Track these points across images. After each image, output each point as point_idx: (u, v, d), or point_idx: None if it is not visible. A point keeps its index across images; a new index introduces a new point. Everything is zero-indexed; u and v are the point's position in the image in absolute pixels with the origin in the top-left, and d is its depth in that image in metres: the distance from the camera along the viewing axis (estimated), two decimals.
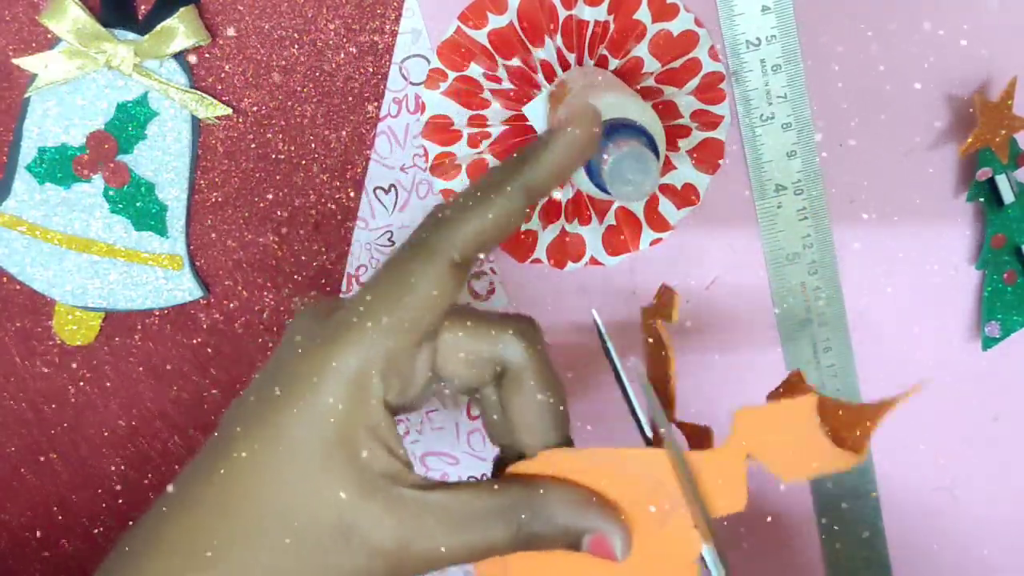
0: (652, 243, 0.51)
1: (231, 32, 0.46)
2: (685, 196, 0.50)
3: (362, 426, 0.32)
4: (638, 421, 0.37)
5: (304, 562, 0.32)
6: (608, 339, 0.38)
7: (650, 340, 0.41)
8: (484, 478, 0.42)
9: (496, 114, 0.48)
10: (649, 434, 0.37)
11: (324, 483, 0.32)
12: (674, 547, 0.36)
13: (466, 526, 0.33)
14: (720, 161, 0.50)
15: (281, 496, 0.32)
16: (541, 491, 0.34)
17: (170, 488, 0.34)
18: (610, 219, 0.50)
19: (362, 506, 0.32)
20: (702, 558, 0.36)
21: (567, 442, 0.36)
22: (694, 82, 0.48)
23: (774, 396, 0.40)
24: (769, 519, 0.55)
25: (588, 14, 0.46)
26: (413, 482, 0.33)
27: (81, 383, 0.51)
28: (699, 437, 0.39)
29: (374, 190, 0.49)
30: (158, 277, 0.49)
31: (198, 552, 0.32)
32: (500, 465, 0.37)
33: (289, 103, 0.48)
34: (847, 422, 0.38)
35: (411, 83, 0.48)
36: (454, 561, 0.33)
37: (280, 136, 0.48)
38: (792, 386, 0.40)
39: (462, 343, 0.34)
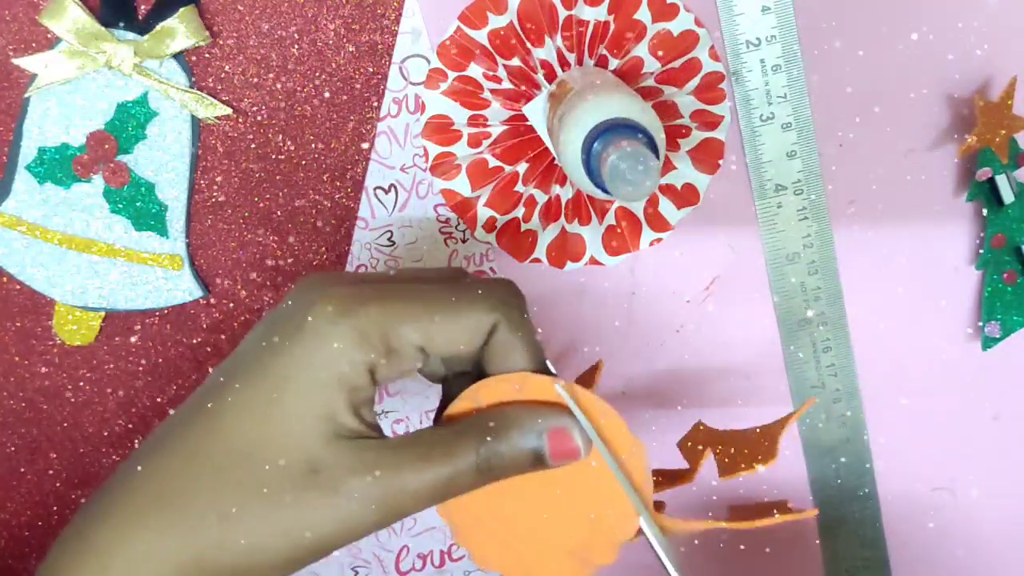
0: (652, 243, 0.51)
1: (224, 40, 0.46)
2: (685, 196, 0.50)
3: (348, 388, 0.34)
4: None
5: (267, 502, 0.33)
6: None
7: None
8: None
9: (496, 114, 0.48)
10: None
11: (297, 428, 0.34)
12: (611, 520, 0.37)
13: (428, 456, 0.34)
14: (720, 161, 0.50)
15: (252, 438, 0.34)
16: (494, 412, 0.35)
17: (152, 432, 0.36)
18: (610, 219, 0.50)
19: (328, 449, 0.34)
20: (640, 531, 0.36)
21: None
22: (694, 82, 0.48)
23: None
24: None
25: (588, 14, 0.46)
26: (377, 436, 0.35)
27: (81, 383, 0.51)
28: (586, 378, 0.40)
29: (374, 190, 0.49)
30: (158, 277, 0.49)
31: (164, 494, 0.34)
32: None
33: (289, 103, 0.48)
34: (756, 440, 0.40)
35: (411, 83, 0.48)
36: (421, 498, 0.34)
37: (280, 136, 0.48)
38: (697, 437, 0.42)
39: (451, 327, 0.35)
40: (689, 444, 0.42)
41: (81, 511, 0.36)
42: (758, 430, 0.41)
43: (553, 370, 0.37)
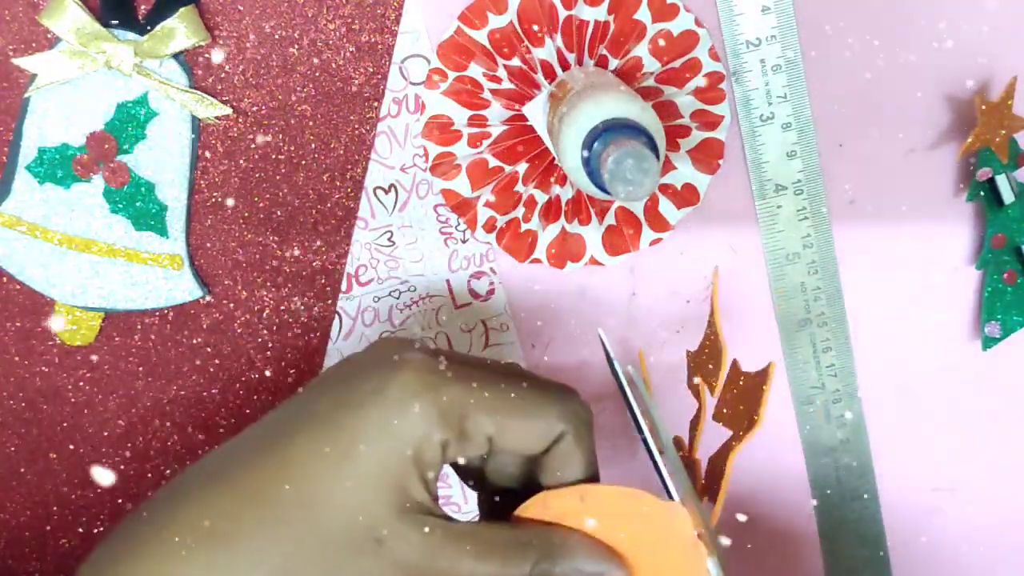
0: (652, 243, 0.51)
1: (219, 57, 0.46)
2: (685, 196, 0.50)
3: (419, 461, 0.34)
4: (645, 442, 0.38)
5: (323, 561, 0.33)
6: (616, 361, 0.39)
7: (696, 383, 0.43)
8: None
9: (496, 114, 0.48)
10: (654, 451, 0.38)
11: (369, 495, 0.33)
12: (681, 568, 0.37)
13: (486, 554, 0.34)
14: (720, 161, 0.50)
15: (321, 495, 0.33)
16: (559, 533, 0.36)
17: (202, 460, 0.35)
18: (610, 219, 0.50)
19: (397, 521, 0.33)
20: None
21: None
22: (694, 82, 0.48)
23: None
24: (769, 519, 0.55)
25: (588, 14, 0.46)
26: (442, 515, 0.35)
27: (81, 383, 0.51)
28: (689, 468, 0.41)
29: (374, 190, 0.49)
30: (158, 277, 0.49)
31: (217, 534, 0.33)
32: (486, 507, 0.40)
33: (289, 103, 0.48)
34: (710, 347, 0.40)
35: (411, 83, 0.48)
36: None
37: (280, 136, 0.48)
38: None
39: (524, 425, 0.36)
40: (692, 383, 0.43)
41: (117, 533, 0.35)
42: (707, 341, 0.42)
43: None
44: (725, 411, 0.41)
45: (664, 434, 0.40)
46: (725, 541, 0.38)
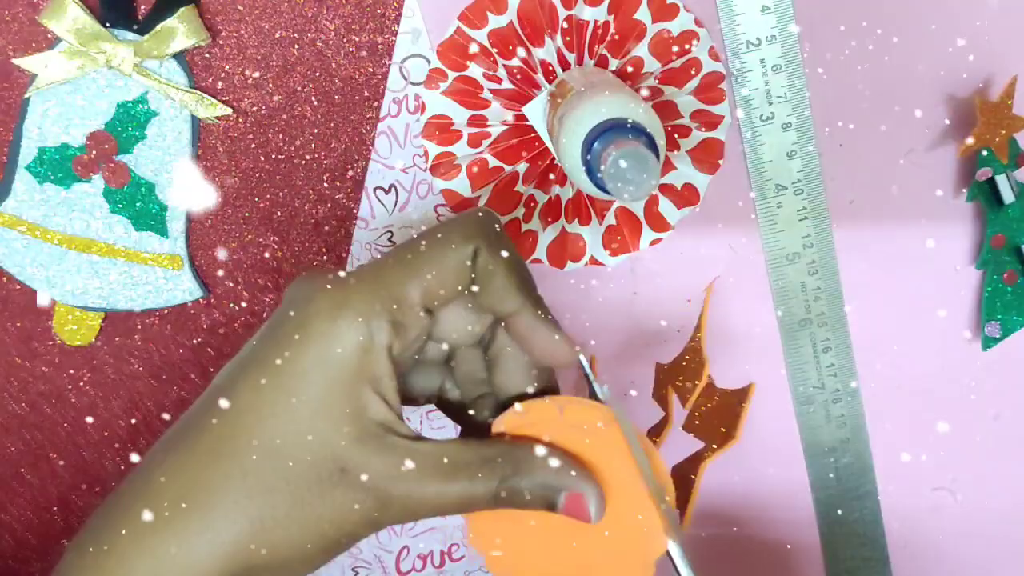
0: (652, 243, 0.51)
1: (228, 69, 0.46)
2: (685, 196, 0.50)
3: (366, 375, 0.34)
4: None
5: (295, 500, 0.33)
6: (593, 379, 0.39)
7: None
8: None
9: (496, 114, 0.48)
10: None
11: (323, 426, 0.33)
12: (638, 540, 0.37)
13: (453, 474, 0.34)
14: (720, 161, 0.50)
15: (277, 438, 0.33)
16: (525, 448, 0.36)
17: (163, 437, 0.36)
18: (610, 219, 0.50)
19: (357, 448, 0.34)
20: (668, 555, 0.36)
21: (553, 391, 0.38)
22: (694, 82, 0.48)
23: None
24: (769, 519, 0.55)
25: (588, 14, 0.46)
26: (405, 432, 0.35)
27: (81, 383, 0.51)
28: None
29: (374, 190, 0.49)
30: (158, 277, 0.49)
31: (188, 498, 0.33)
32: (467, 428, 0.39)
33: (289, 103, 0.48)
34: (689, 360, 0.41)
35: (411, 83, 0.48)
36: (437, 510, 0.35)
37: (280, 136, 0.48)
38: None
39: (437, 269, 0.35)
40: (661, 393, 0.43)
41: (97, 516, 0.35)
42: (688, 356, 0.42)
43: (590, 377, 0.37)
44: (697, 423, 0.41)
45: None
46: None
